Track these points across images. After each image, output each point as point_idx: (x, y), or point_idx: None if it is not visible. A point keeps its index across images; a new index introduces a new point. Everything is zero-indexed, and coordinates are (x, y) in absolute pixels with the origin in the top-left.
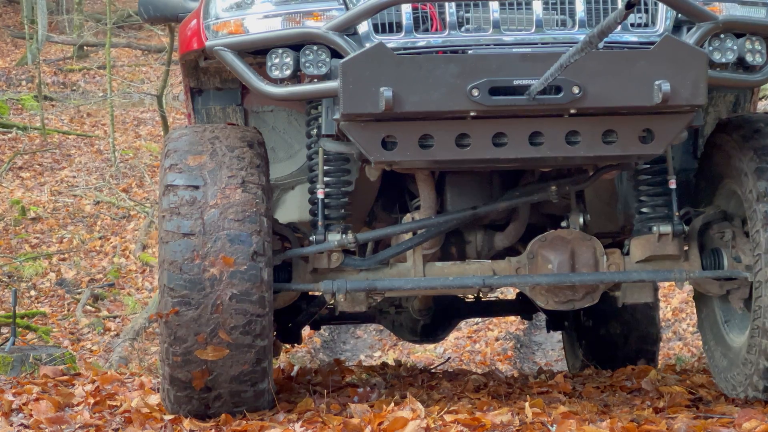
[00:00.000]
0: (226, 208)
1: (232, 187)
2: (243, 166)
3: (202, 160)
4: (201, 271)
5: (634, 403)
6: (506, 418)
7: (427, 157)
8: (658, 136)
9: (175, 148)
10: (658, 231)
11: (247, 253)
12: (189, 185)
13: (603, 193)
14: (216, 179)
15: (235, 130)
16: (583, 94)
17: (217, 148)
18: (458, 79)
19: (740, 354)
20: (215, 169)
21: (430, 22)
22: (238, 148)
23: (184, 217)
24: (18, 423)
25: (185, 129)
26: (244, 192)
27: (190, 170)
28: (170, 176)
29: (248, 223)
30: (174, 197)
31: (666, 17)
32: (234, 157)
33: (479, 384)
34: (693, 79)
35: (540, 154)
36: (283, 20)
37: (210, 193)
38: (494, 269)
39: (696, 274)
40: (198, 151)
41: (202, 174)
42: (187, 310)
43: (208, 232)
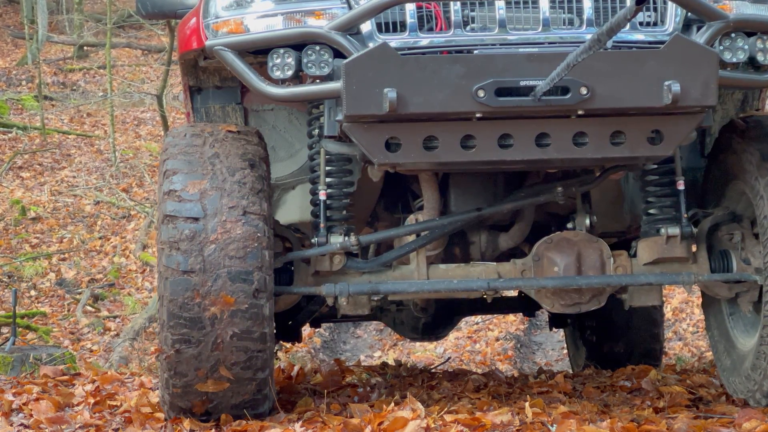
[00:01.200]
0: (226, 243)
1: (233, 219)
2: (244, 193)
3: (202, 186)
4: (201, 310)
5: (634, 403)
6: (506, 418)
7: (431, 159)
8: (668, 137)
9: (174, 169)
10: (666, 233)
11: (249, 292)
12: (188, 217)
13: (609, 192)
14: (216, 209)
15: (235, 145)
16: (591, 95)
17: (217, 170)
18: (463, 80)
19: (750, 358)
20: (215, 197)
21: (434, 22)
22: (239, 171)
23: (184, 254)
24: (18, 423)
25: (183, 141)
26: (245, 225)
27: (189, 198)
28: (169, 204)
29: (250, 259)
30: (173, 230)
31: (675, 16)
32: (235, 182)
33: (479, 384)
34: (703, 80)
35: (546, 156)
36: (285, 19)
37: (210, 227)
38: (499, 272)
39: (705, 278)
40: (198, 174)
41: (202, 203)
42: (187, 348)
43: (209, 270)
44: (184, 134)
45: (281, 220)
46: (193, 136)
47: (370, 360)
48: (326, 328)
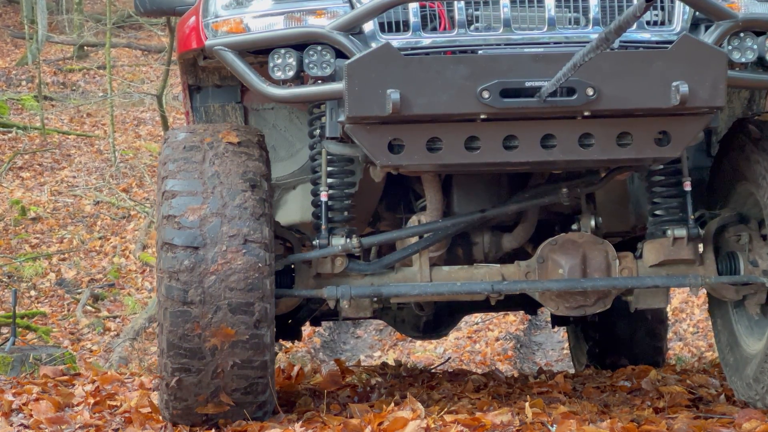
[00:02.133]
0: (227, 275)
1: (234, 249)
2: (245, 220)
3: (202, 212)
4: (201, 341)
5: (634, 403)
6: (506, 418)
7: (435, 161)
8: (675, 138)
9: (173, 191)
10: (672, 234)
11: (250, 323)
12: (188, 246)
13: (614, 192)
14: (216, 238)
15: (236, 161)
16: (598, 95)
17: (217, 194)
18: (468, 81)
19: (757, 361)
20: (215, 224)
21: (438, 21)
22: (240, 194)
23: (184, 285)
24: (18, 423)
25: (182, 157)
26: (246, 254)
27: (189, 226)
28: (168, 231)
29: (251, 290)
30: (173, 259)
31: (683, 15)
32: (236, 207)
33: (479, 384)
34: (712, 80)
35: (552, 157)
36: (285, 19)
37: (210, 257)
38: (503, 274)
39: (712, 280)
40: (197, 197)
41: (202, 231)
42: (187, 376)
43: (209, 302)
44: (183, 146)
45: (282, 220)
46: (192, 149)
47: (370, 360)
48: (326, 328)
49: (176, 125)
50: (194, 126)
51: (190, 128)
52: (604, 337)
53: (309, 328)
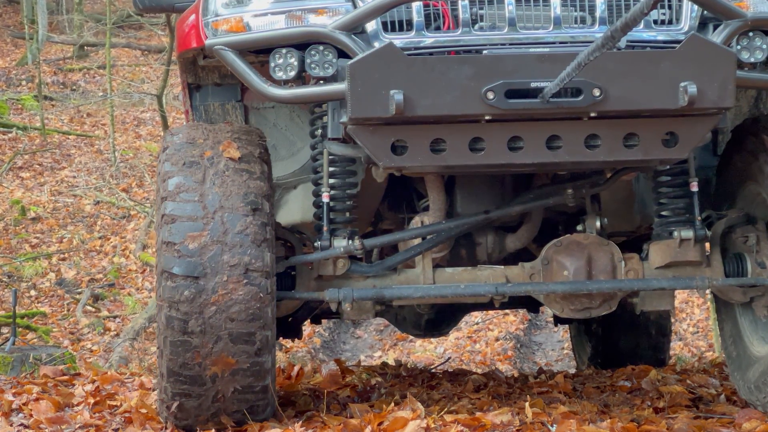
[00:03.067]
0: (228, 306)
1: (235, 279)
2: (246, 248)
3: (202, 239)
4: (202, 369)
5: (634, 403)
6: (506, 418)
7: (438, 163)
8: (683, 139)
9: (173, 215)
10: (679, 236)
11: (251, 351)
12: (188, 275)
13: (619, 192)
14: (217, 267)
15: (237, 181)
16: (605, 96)
17: (217, 219)
18: (472, 82)
19: (762, 368)
20: (216, 253)
21: (441, 20)
22: (241, 219)
23: (184, 315)
24: (18, 423)
25: (182, 175)
26: (248, 284)
27: (189, 254)
28: (168, 259)
29: (252, 320)
30: (173, 288)
31: (691, 14)
32: (237, 234)
33: (479, 384)
34: (720, 81)
35: (558, 159)
36: (287, 18)
37: (210, 287)
38: (507, 275)
39: (719, 282)
40: (198, 223)
41: (203, 260)
42: (187, 400)
43: (209, 332)
44: (183, 162)
45: (283, 220)
46: (192, 165)
47: (370, 360)
48: (326, 328)
49: (176, 125)
50: (193, 131)
51: (189, 135)
52: (606, 334)
53: (309, 328)
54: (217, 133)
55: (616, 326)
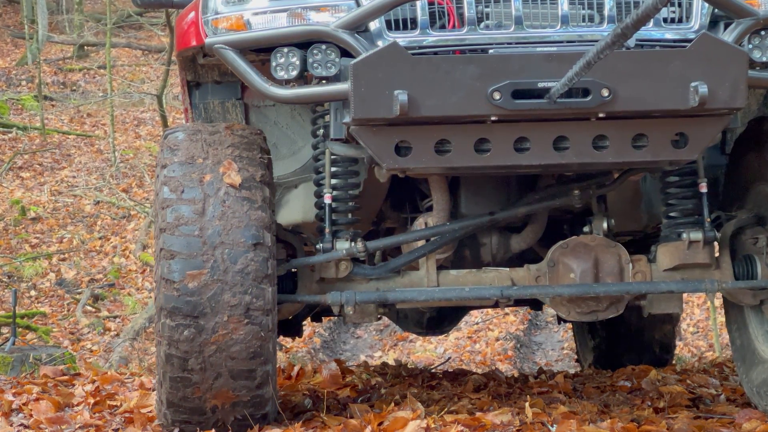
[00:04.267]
0: (228, 345)
1: (235, 319)
2: (247, 287)
3: (202, 278)
4: (202, 402)
5: (634, 403)
6: (506, 418)
7: (443, 164)
8: (693, 140)
9: (172, 251)
10: (688, 238)
11: (252, 386)
12: (188, 315)
13: (626, 192)
14: (218, 307)
15: (239, 211)
16: (613, 97)
17: (218, 257)
18: (478, 82)
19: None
20: (216, 292)
21: (446, 18)
22: (242, 256)
23: (184, 353)
24: (18, 423)
25: (181, 205)
26: (249, 324)
27: (188, 293)
28: (167, 297)
29: (253, 358)
30: (172, 326)
31: (701, 12)
32: (237, 272)
33: (479, 384)
34: (732, 81)
35: (565, 160)
36: (288, 16)
37: (211, 326)
38: (512, 278)
39: (729, 285)
40: (197, 260)
41: (202, 300)
42: (187, 426)
43: (209, 369)
44: (181, 189)
45: (284, 220)
46: (192, 193)
47: (370, 360)
48: (326, 328)
49: (176, 124)
50: (193, 147)
51: (188, 153)
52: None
53: (309, 328)
54: (217, 148)
55: (621, 329)
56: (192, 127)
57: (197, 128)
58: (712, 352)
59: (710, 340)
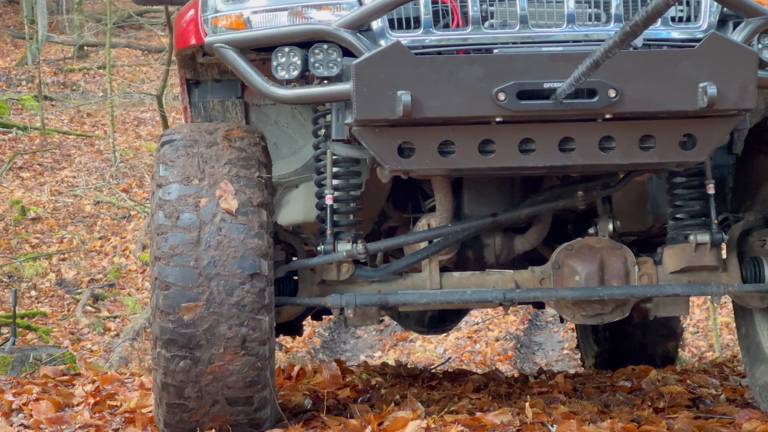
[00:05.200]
0: (224, 375)
1: (232, 351)
2: (243, 319)
3: (197, 311)
4: (199, 425)
5: (634, 403)
6: (506, 418)
7: (447, 165)
8: (701, 141)
9: (167, 281)
10: (695, 240)
11: (249, 411)
12: (183, 346)
13: (632, 193)
14: (213, 340)
15: (235, 240)
16: (621, 97)
17: (213, 289)
18: (483, 82)
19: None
20: (212, 324)
21: (450, 17)
22: (239, 288)
23: (180, 383)
24: (18, 423)
25: (177, 233)
26: (245, 356)
27: (184, 326)
28: (162, 328)
29: (250, 386)
30: (168, 357)
31: (710, 11)
32: (233, 305)
33: (479, 384)
34: (741, 81)
35: (570, 161)
36: (290, 14)
37: (207, 357)
38: (516, 280)
39: (736, 288)
40: (192, 292)
41: (198, 332)
42: None
43: (206, 397)
44: (176, 216)
45: (284, 220)
46: (187, 220)
47: (370, 360)
48: (326, 328)
49: (176, 124)
50: (188, 164)
51: (183, 171)
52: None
53: (309, 328)
54: (213, 166)
55: (624, 341)
56: (188, 135)
57: (194, 138)
58: (712, 352)
59: (710, 340)
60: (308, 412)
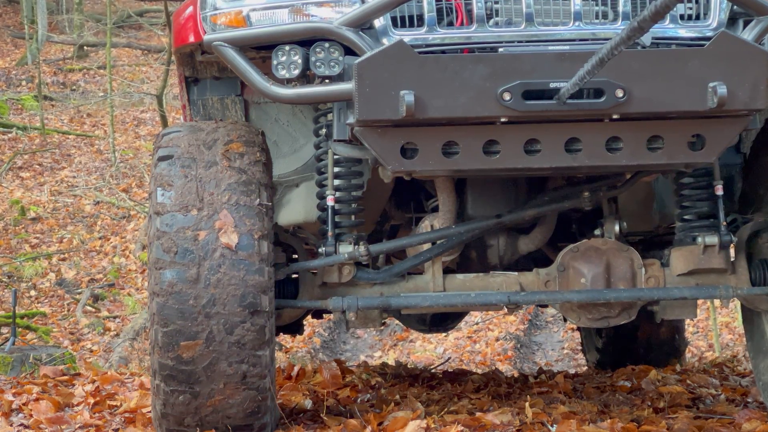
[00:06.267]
0: (224, 408)
1: (232, 386)
2: (244, 356)
3: (197, 348)
4: None
5: (634, 403)
6: (506, 418)
7: (451, 167)
8: (710, 142)
9: (165, 318)
10: (703, 242)
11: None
12: (183, 381)
13: (639, 193)
14: (213, 376)
15: (235, 278)
16: (628, 97)
17: (213, 328)
18: (488, 82)
19: None
20: (211, 362)
21: (454, 15)
22: (239, 326)
23: (180, 414)
24: (18, 423)
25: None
26: (246, 389)
27: (184, 363)
28: (162, 365)
29: (250, 415)
30: (166, 390)
31: (720, 9)
32: (233, 344)
33: (479, 384)
34: (752, 81)
35: (577, 163)
36: (290, 12)
37: (206, 392)
38: (521, 282)
39: (745, 291)
40: (190, 331)
41: (197, 369)
42: None
43: (206, 425)
44: (175, 251)
45: (284, 220)
46: (186, 256)
47: (370, 360)
48: (326, 328)
49: (176, 123)
50: (186, 190)
51: (182, 198)
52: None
53: (309, 328)
54: (213, 192)
55: (628, 356)
56: (186, 152)
57: (192, 155)
58: (712, 352)
59: (710, 340)
60: (308, 411)
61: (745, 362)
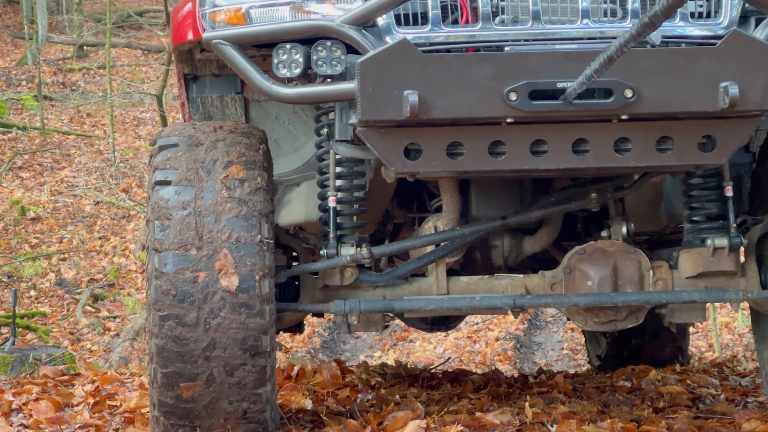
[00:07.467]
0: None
1: (232, 422)
2: (244, 395)
3: (197, 389)
4: None
5: (634, 403)
6: (506, 418)
7: (455, 168)
8: (721, 143)
9: (165, 357)
10: (712, 244)
11: None
12: (182, 417)
13: (646, 194)
14: (214, 412)
15: (235, 321)
16: (637, 98)
17: (213, 369)
18: (494, 82)
19: None
20: (212, 401)
21: (459, 13)
22: (239, 368)
23: None
24: (18, 423)
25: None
26: (247, 423)
27: (184, 402)
28: (161, 402)
29: None
30: (167, 423)
31: (731, 6)
32: (234, 384)
33: (479, 384)
34: (764, 81)
35: (584, 164)
36: (291, 9)
37: (207, 426)
38: (527, 285)
39: (755, 294)
40: (190, 373)
41: (197, 407)
42: None
43: None
44: (173, 293)
45: (285, 220)
46: (185, 299)
47: (370, 360)
48: (326, 328)
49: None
50: (185, 229)
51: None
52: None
53: (309, 328)
54: (212, 229)
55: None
56: (185, 177)
57: (190, 181)
58: (711, 352)
59: (710, 340)
60: (308, 412)
61: (745, 362)
